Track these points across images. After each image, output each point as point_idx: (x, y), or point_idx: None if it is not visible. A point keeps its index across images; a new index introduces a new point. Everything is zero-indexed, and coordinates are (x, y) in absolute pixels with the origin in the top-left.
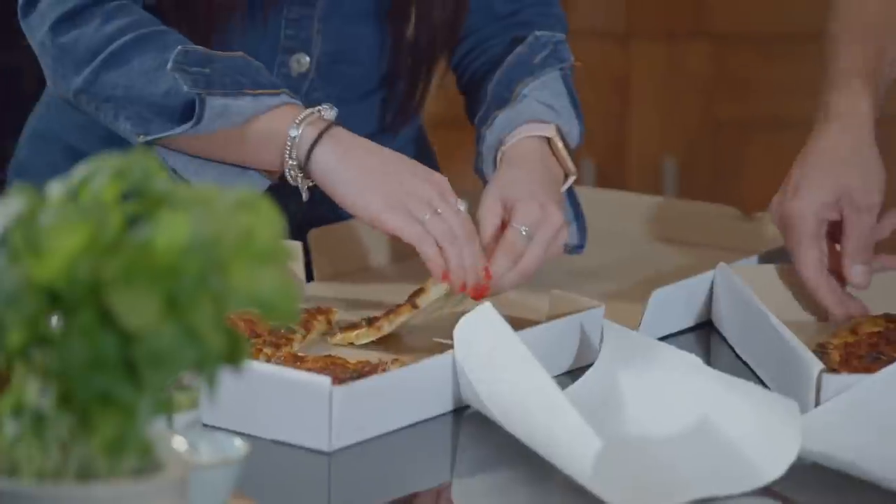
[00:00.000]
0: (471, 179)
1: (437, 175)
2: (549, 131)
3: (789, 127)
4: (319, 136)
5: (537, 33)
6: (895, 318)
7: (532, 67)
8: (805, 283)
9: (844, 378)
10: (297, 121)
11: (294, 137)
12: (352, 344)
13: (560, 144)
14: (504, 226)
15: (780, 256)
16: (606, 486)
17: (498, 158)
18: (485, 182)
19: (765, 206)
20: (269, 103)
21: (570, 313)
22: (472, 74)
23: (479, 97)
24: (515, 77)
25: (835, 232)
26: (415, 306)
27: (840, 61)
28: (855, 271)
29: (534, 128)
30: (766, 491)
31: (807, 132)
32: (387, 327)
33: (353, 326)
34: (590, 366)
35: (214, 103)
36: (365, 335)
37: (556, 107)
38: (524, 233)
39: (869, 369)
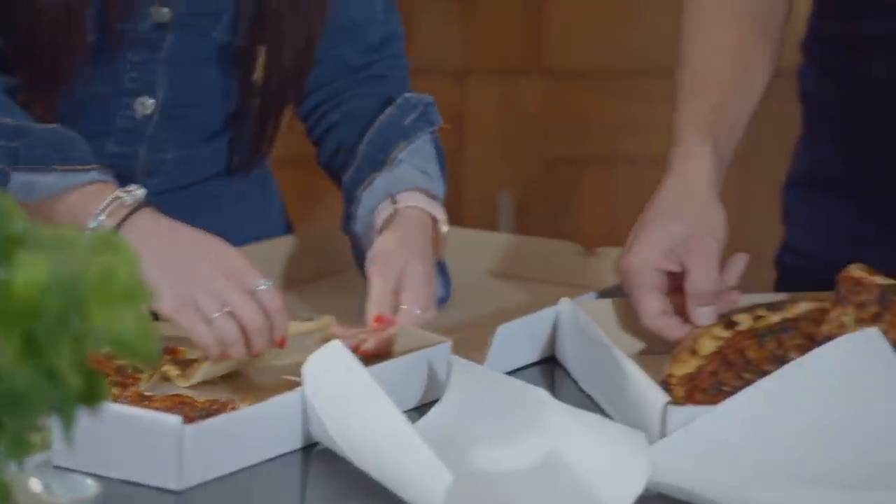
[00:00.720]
0: (315, 218)
1: (233, 259)
2: (437, 211)
3: (624, 163)
4: (117, 226)
5: (406, 95)
6: (733, 323)
7: (405, 130)
8: (650, 331)
9: (689, 410)
10: (98, 210)
11: (92, 229)
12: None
13: (444, 229)
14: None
15: (621, 292)
16: None
17: (380, 223)
18: (354, 240)
19: (601, 241)
20: (75, 181)
21: (417, 349)
22: (326, 126)
23: (344, 154)
24: (390, 139)
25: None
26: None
27: (680, 116)
28: (697, 314)
29: (419, 199)
30: None
31: (642, 168)
32: (195, 377)
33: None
34: (437, 401)
35: (19, 179)
36: (179, 378)
37: (429, 171)
38: (418, 313)
39: (714, 401)
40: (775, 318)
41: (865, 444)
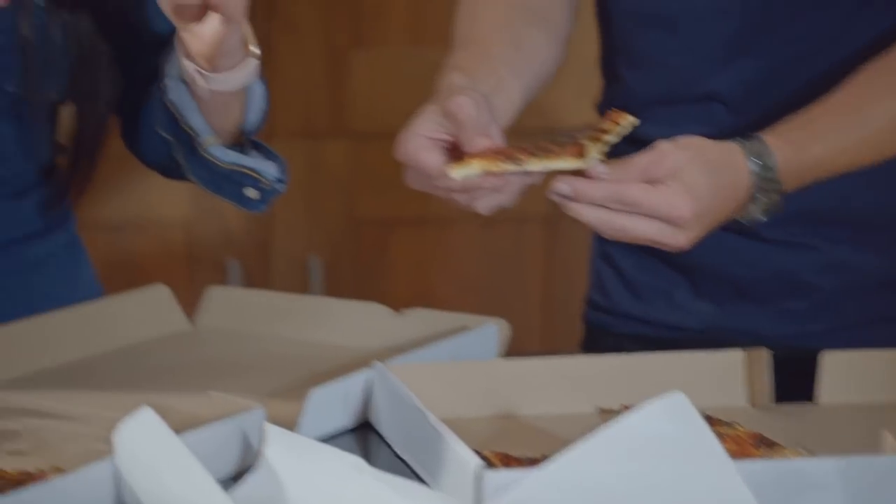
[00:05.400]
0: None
1: None
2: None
3: (431, 224)
4: None
5: None
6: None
7: None
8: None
9: (504, 474)
10: None
11: None
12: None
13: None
14: None
15: (432, 354)
16: None
17: None
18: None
19: (410, 302)
20: None
21: (228, 415)
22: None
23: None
24: None
25: None
26: None
27: (447, 63)
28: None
29: None
30: None
31: (448, 229)
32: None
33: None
34: (251, 469)
35: None
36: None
37: None
38: None
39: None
40: None
41: None
